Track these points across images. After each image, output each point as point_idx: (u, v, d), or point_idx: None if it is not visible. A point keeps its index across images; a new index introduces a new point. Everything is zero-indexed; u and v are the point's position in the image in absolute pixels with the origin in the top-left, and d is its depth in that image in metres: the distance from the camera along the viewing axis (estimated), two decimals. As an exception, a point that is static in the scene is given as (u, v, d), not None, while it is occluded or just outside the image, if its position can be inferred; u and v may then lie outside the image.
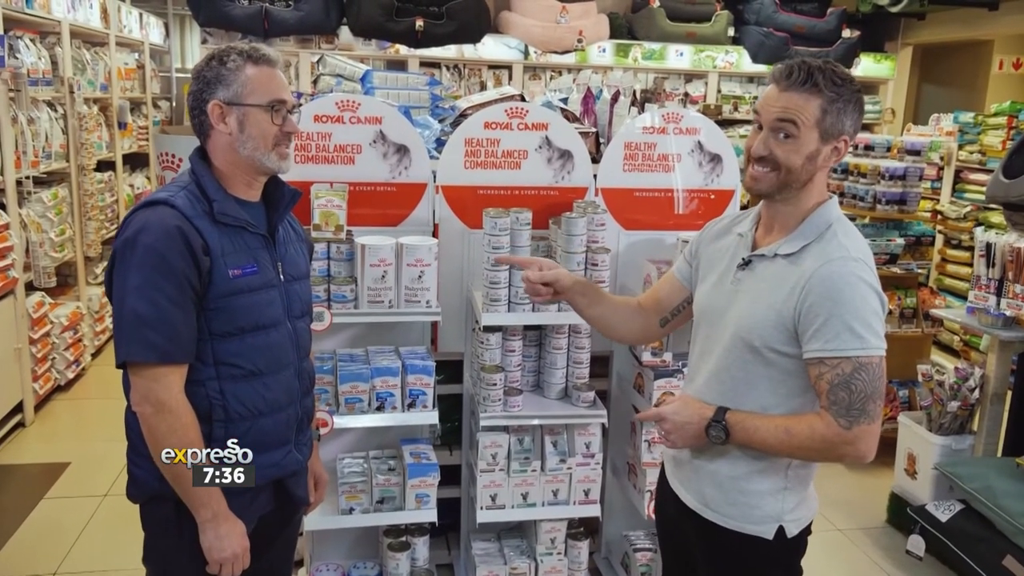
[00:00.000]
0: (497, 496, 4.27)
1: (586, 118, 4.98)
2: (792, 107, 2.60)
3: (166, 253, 2.67)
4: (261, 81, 2.85)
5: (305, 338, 3.16)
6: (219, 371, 2.84)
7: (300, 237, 3.23)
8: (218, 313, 2.80)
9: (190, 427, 2.75)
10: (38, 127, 7.75)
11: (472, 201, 4.35)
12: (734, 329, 2.77)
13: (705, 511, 2.91)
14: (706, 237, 3.09)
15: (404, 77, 5.34)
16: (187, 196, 2.82)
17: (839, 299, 2.57)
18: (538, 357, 4.41)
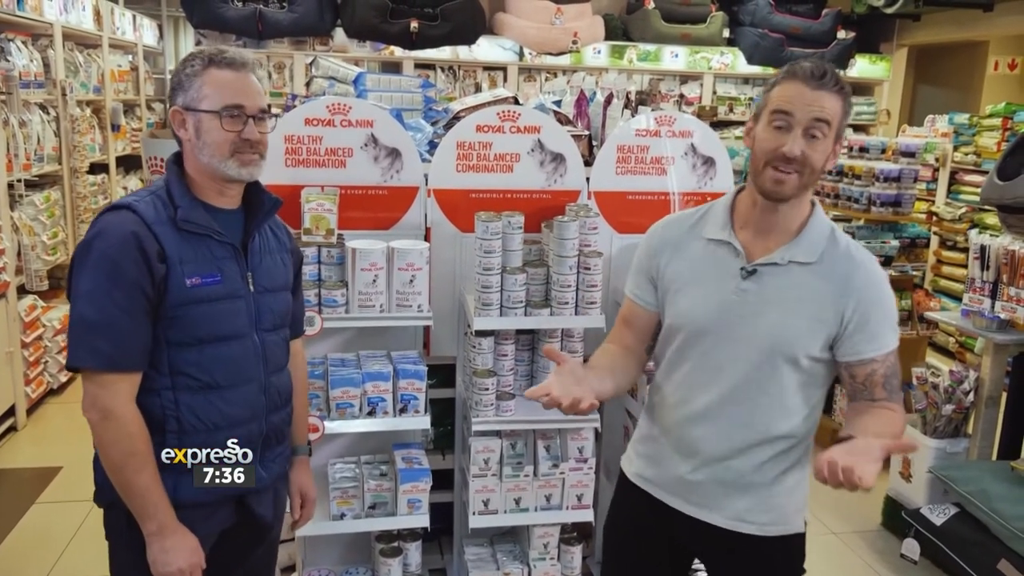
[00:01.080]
0: (490, 501, 4.25)
1: (579, 121, 4.96)
2: (827, 107, 2.61)
3: (119, 259, 2.65)
4: (217, 86, 2.78)
5: (277, 352, 3.07)
6: (174, 381, 2.79)
7: (284, 247, 3.15)
8: (175, 322, 2.75)
9: (136, 437, 2.70)
10: (30, 130, 7.73)
11: (464, 205, 4.33)
12: (768, 342, 2.74)
13: (740, 525, 2.91)
14: (663, 251, 2.99)
15: (397, 79, 5.35)
16: (154, 201, 2.78)
17: (883, 301, 2.77)
18: (531, 361, 4.38)
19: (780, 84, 2.69)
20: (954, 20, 10.36)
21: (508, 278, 4.02)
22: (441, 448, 4.73)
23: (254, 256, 2.96)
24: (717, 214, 2.91)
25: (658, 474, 3.02)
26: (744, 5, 10.52)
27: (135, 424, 2.70)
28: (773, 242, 2.79)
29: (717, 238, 2.87)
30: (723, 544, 2.95)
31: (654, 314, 3.05)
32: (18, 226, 7.39)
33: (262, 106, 2.85)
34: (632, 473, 3.13)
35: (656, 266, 2.99)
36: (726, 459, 2.86)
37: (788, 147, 2.60)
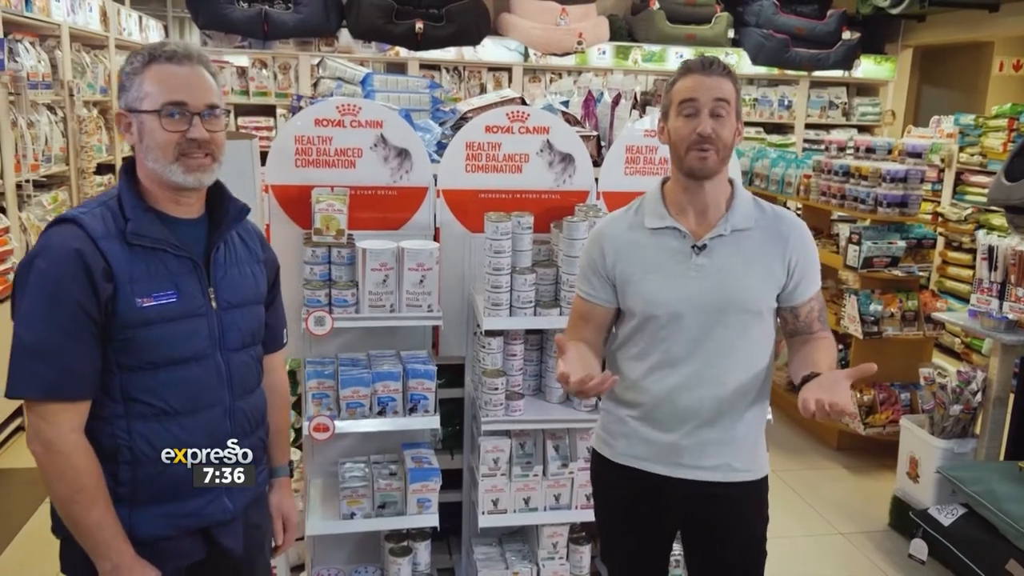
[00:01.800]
0: (499, 501, 4.27)
1: (587, 121, 4.97)
2: (724, 89, 2.93)
3: (60, 280, 2.44)
4: (157, 82, 2.53)
5: (246, 373, 2.83)
6: (128, 408, 2.57)
7: (255, 257, 2.92)
8: (126, 344, 2.53)
9: (83, 471, 2.50)
10: (38, 130, 7.75)
11: (473, 205, 4.35)
12: (733, 304, 3.02)
13: (733, 475, 3.14)
14: (612, 249, 3.14)
15: (404, 80, 5.35)
16: (103, 213, 2.57)
17: (813, 250, 3.16)
18: (539, 361, 4.40)
19: (679, 80, 3.00)
20: (959, 21, 10.36)
21: (518, 278, 4.05)
22: (449, 448, 4.73)
23: (218, 269, 2.73)
24: (652, 206, 3.13)
25: (644, 448, 3.16)
26: (749, 6, 10.55)
27: (81, 457, 2.50)
28: (710, 219, 3.06)
29: (660, 226, 3.08)
30: (710, 498, 3.15)
31: (610, 310, 3.20)
32: (26, 227, 7.39)
33: (210, 102, 2.60)
34: (614, 454, 3.24)
35: (610, 264, 3.13)
36: (713, 418, 3.07)
37: (701, 127, 2.91)
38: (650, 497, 3.20)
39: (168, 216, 2.64)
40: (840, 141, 8.33)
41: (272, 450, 3.12)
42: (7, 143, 6.99)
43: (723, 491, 3.13)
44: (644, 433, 3.14)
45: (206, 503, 2.72)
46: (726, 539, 3.22)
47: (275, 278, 3.06)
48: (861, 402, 6.99)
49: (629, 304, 3.12)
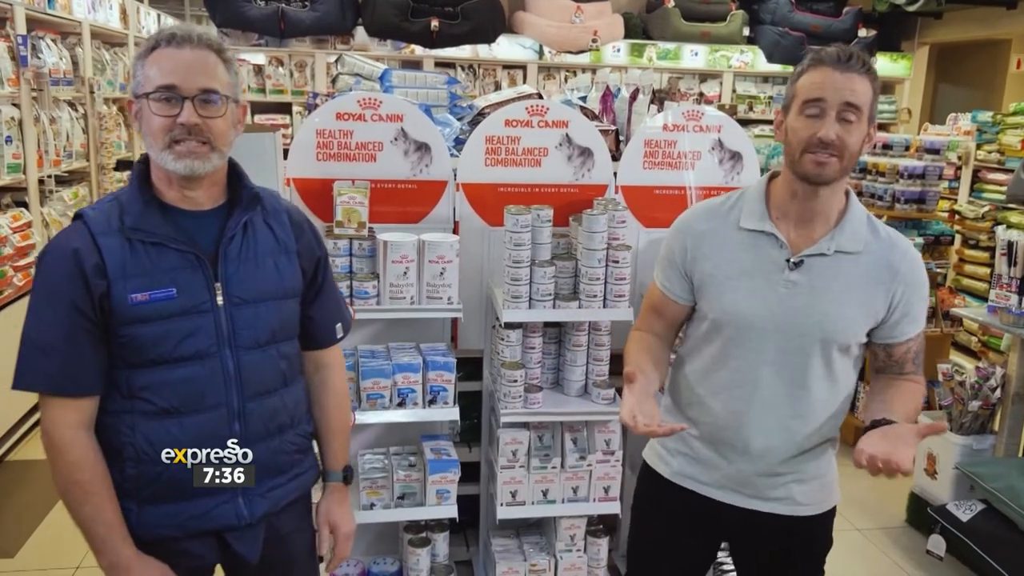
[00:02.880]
0: (517, 493, 4.28)
1: (605, 116, 4.98)
2: (858, 90, 2.62)
3: (56, 278, 2.46)
4: (154, 66, 2.47)
5: (263, 372, 2.71)
6: (133, 404, 2.56)
7: (285, 248, 2.78)
8: (125, 342, 2.51)
9: (77, 466, 2.51)
10: (59, 126, 7.80)
11: (492, 198, 4.36)
12: (820, 334, 2.77)
13: (797, 509, 2.96)
14: (697, 244, 2.95)
15: (423, 76, 5.35)
16: (111, 207, 2.55)
17: (923, 285, 2.85)
18: (558, 354, 4.39)
19: (807, 72, 2.70)
20: (976, 18, 10.33)
21: (537, 271, 4.04)
22: (467, 441, 4.75)
23: (229, 263, 2.63)
24: (752, 204, 2.89)
25: (705, 472, 3.01)
26: (764, 3, 10.53)
27: (77, 452, 2.51)
28: (815, 232, 2.79)
29: (756, 228, 2.84)
30: (771, 530, 2.98)
31: (685, 307, 3.03)
32: (48, 221, 7.43)
33: (204, 86, 2.49)
34: (671, 472, 3.08)
35: (690, 260, 2.94)
36: (782, 451, 2.88)
37: (824, 132, 2.60)
38: (701, 523, 3.07)
39: (175, 208, 2.60)
40: None
41: (323, 453, 3.05)
42: (30, 139, 7.05)
43: (785, 524, 2.98)
44: (705, 455, 2.99)
45: (215, 505, 2.67)
46: (784, 570, 3.10)
47: (316, 268, 2.91)
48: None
49: (704, 307, 2.95)
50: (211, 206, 2.66)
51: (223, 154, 2.60)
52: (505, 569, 4.44)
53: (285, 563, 2.92)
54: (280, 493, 2.81)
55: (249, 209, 2.70)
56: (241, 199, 2.70)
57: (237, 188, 2.72)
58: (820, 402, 2.84)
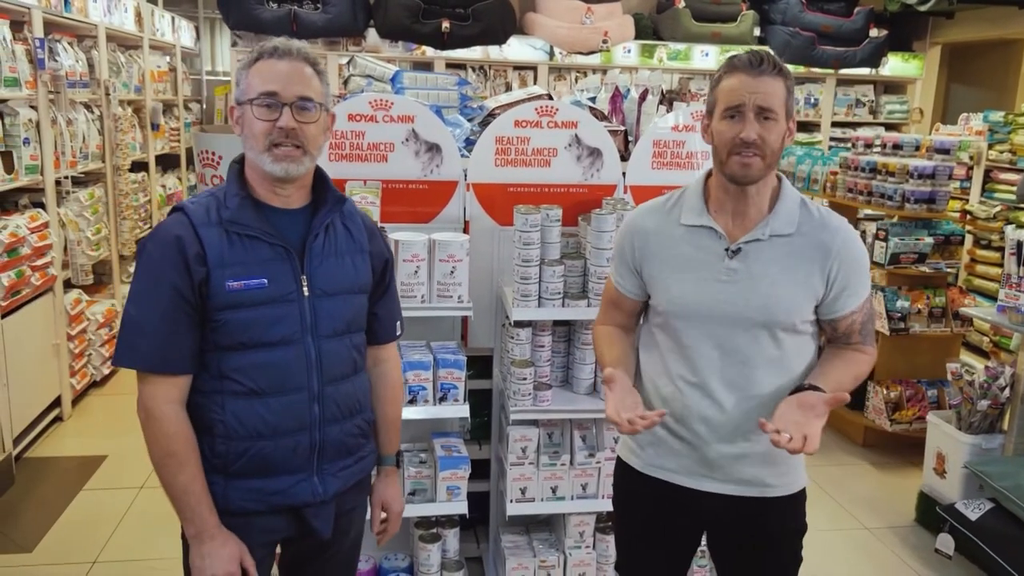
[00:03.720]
0: (527, 489, 4.32)
1: (614, 117, 5.01)
2: (771, 92, 2.75)
3: (161, 263, 2.64)
4: (257, 75, 2.69)
5: (339, 360, 2.89)
6: (222, 385, 2.73)
7: (359, 248, 2.96)
8: (219, 325, 2.69)
9: (174, 438, 2.67)
10: (76, 128, 7.83)
11: (502, 198, 4.40)
12: (764, 315, 2.86)
13: (767, 491, 3.02)
14: (644, 240, 3.05)
15: (433, 77, 5.39)
16: (209, 202, 2.75)
17: (860, 260, 2.95)
18: (567, 352, 4.44)
19: (724, 78, 2.83)
20: (988, 18, 10.26)
21: (546, 270, 4.09)
22: (478, 439, 4.79)
23: (314, 258, 2.81)
24: (691, 200, 3.00)
25: (674, 460, 3.06)
26: (775, 3, 10.48)
27: (174, 425, 2.67)
28: (750, 221, 2.91)
29: (696, 224, 2.95)
30: (742, 512, 3.04)
31: (638, 301, 3.14)
32: (64, 222, 7.49)
33: (301, 94, 2.68)
34: (643, 464, 3.14)
35: (639, 257, 3.04)
36: (746, 433, 2.94)
37: (745, 133, 2.73)
38: (678, 511, 3.12)
39: (267, 206, 2.78)
40: (867, 138, 8.23)
41: (380, 439, 3.20)
42: (47, 140, 7.09)
43: (757, 506, 3.03)
44: (672, 444, 3.04)
45: (291, 483, 2.83)
46: (761, 554, 3.13)
47: (384, 269, 3.09)
48: (888, 399, 7.00)
49: (654, 302, 3.05)
50: (299, 205, 2.85)
51: (313, 158, 2.79)
52: (515, 565, 4.48)
53: (343, 539, 3.11)
54: (348, 474, 2.99)
55: (333, 210, 2.89)
56: (326, 200, 2.88)
57: (322, 190, 2.90)
58: (773, 378, 2.92)
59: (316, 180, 2.90)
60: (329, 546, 3.04)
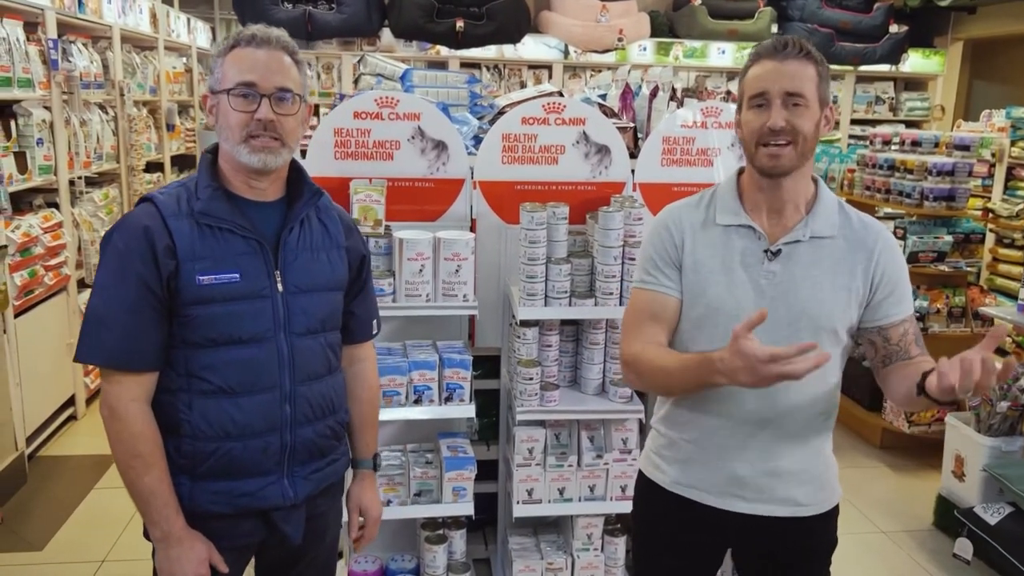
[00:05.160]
0: (533, 491, 4.29)
1: (624, 113, 4.99)
2: (798, 75, 2.65)
3: (127, 255, 2.57)
4: (234, 64, 2.62)
5: (312, 359, 2.83)
6: (190, 383, 2.66)
7: (335, 243, 2.90)
8: (188, 321, 2.62)
9: (140, 438, 2.61)
10: (90, 129, 7.87)
11: (509, 196, 4.38)
12: (806, 320, 2.74)
13: (799, 510, 2.90)
14: (686, 235, 2.88)
15: (443, 75, 5.40)
16: (180, 193, 2.67)
17: (903, 266, 2.86)
18: (575, 352, 4.41)
19: (750, 68, 2.74)
20: (1012, 12, 10.19)
21: (553, 268, 4.06)
22: (486, 439, 4.77)
23: (288, 252, 2.76)
24: (724, 200, 2.88)
25: (702, 478, 2.93)
26: (792, 0, 10.46)
27: (139, 425, 2.61)
28: (788, 220, 2.79)
29: (734, 223, 2.83)
30: (774, 532, 2.93)
31: (679, 300, 2.91)
32: (78, 222, 7.50)
33: (280, 85, 2.63)
34: (670, 482, 3.00)
35: (681, 251, 2.87)
36: (780, 449, 2.85)
37: (772, 120, 2.63)
38: (704, 529, 3.00)
39: (241, 198, 2.72)
40: (886, 135, 8.20)
41: (355, 442, 3.16)
42: (61, 141, 7.11)
43: (788, 525, 2.92)
44: (701, 460, 2.92)
45: (260, 486, 2.76)
46: (791, 572, 3.03)
47: (360, 266, 3.04)
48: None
49: (688, 304, 2.87)
50: (274, 198, 2.79)
51: (291, 150, 2.73)
52: (522, 567, 4.45)
53: (318, 545, 3.06)
54: (320, 476, 2.92)
55: (309, 204, 2.84)
56: (302, 193, 2.83)
57: (298, 183, 2.84)
58: (811, 388, 2.78)
59: (292, 172, 2.85)
60: (304, 553, 3.00)
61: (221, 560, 2.76)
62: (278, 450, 2.77)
